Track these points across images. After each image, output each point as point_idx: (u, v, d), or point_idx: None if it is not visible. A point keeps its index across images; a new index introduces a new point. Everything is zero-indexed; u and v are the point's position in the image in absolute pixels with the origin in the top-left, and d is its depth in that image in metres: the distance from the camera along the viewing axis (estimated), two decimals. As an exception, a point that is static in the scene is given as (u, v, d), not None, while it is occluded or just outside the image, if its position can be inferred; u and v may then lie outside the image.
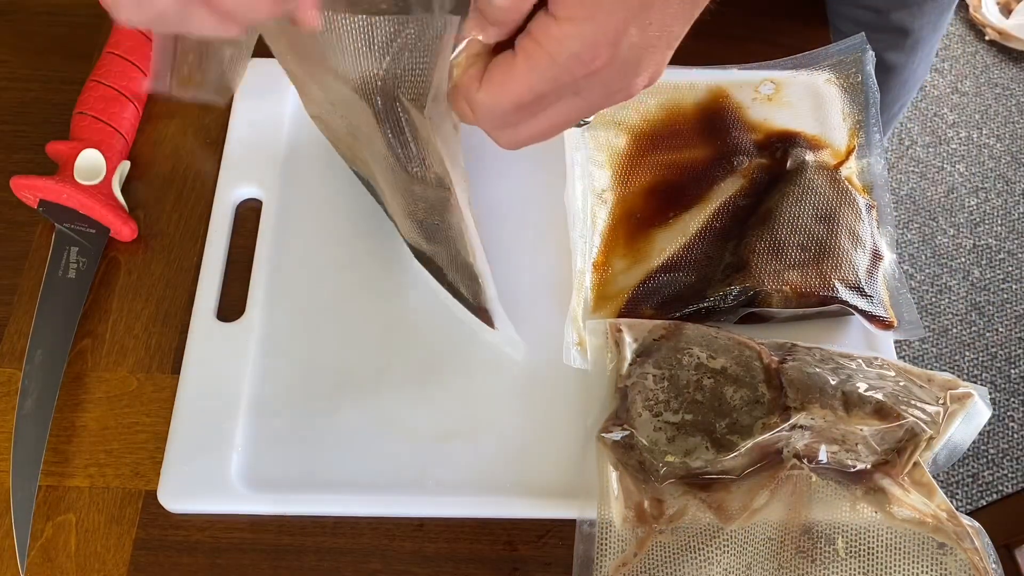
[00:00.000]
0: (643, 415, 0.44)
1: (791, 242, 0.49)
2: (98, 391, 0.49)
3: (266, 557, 0.45)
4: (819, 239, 0.50)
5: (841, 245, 0.50)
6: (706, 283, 0.50)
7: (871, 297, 0.49)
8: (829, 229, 0.50)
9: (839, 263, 0.49)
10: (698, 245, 0.51)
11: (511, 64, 0.33)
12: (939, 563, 0.41)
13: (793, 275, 0.48)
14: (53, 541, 0.45)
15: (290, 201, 0.54)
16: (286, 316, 0.50)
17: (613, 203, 0.53)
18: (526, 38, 0.32)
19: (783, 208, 0.51)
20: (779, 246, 0.49)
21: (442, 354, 0.49)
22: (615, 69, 0.33)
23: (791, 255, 0.49)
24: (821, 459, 0.43)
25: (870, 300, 0.49)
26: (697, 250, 0.51)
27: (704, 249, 0.51)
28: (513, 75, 0.33)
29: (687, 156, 0.54)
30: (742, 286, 0.48)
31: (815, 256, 0.49)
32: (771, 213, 0.51)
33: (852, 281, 0.49)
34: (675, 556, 0.42)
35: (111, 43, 0.57)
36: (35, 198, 0.52)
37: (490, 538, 0.46)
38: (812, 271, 0.49)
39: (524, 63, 0.33)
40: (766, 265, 0.49)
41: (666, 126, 0.55)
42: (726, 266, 0.50)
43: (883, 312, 0.49)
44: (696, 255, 0.51)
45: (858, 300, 0.49)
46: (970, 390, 0.45)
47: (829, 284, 0.48)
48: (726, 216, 0.52)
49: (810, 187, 0.52)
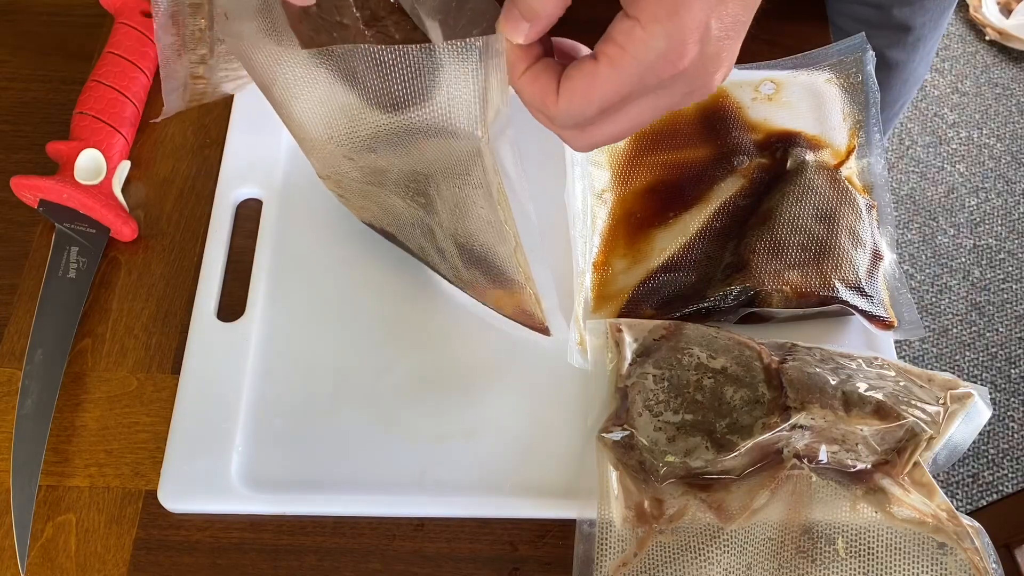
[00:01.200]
0: (643, 415, 0.44)
1: (791, 242, 0.49)
2: (98, 391, 0.49)
3: (266, 557, 0.45)
4: (819, 239, 0.50)
5: (841, 245, 0.50)
6: (706, 283, 0.50)
7: (871, 297, 0.49)
8: (829, 229, 0.50)
9: (839, 263, 0.49)
10: (698, 245, 0.51)
11: (594, 71, 0.33)
12: (939, 563, 0.41)
13: (793, 275, 0.48)
14: (53, 541, 0.45)
15: (290, 201, 0.54)
16: (286, 316, 0.50)
17: (613, 203, 0.53)
18: (608, 44, 0.33)
19: (783, 208, 0.51)
20: (779, 246, 0.49)
21: (442, 354, 0.50)
22: (699, 65, 0.33)
23: (791, 255, 0.49)
24: (821, 459, 0.43)
25: (870, 300, 0.49)
26: (697, 250, 0.51)
27: (704, 249, 0.51)
28: (597, 81, 0.33)
29: (687, 156, 0.55)
30: (742, 286, 0.48)
31: (815, 256, 0.49)
32: (771, 213, 0.51)
33: (852, 281, 0.49)
34: (675, 556, 0.42)
35: (111, 43, 0.57)
36: (35, 198, 0.53)
37: (490, 538, 0.46)
38: (812, 271, 0.49)
39: (608, 68, 0.33)
40: (766, 265, 0.49)
41: (666, 126, 0.55)
42: (726, 266, 0.50)
43: (883, 312, 0.49)
44: (696, 255, 0.51)
45: (858, 300, 0.49)
46: (970, 390, 0.45)
47: (829, 284, 0.48)
48: (726, 216, 0.52)
49: (810, 187, 0.52)
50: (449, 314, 0.51)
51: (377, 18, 0.36)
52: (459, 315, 0.51)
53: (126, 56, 0.57)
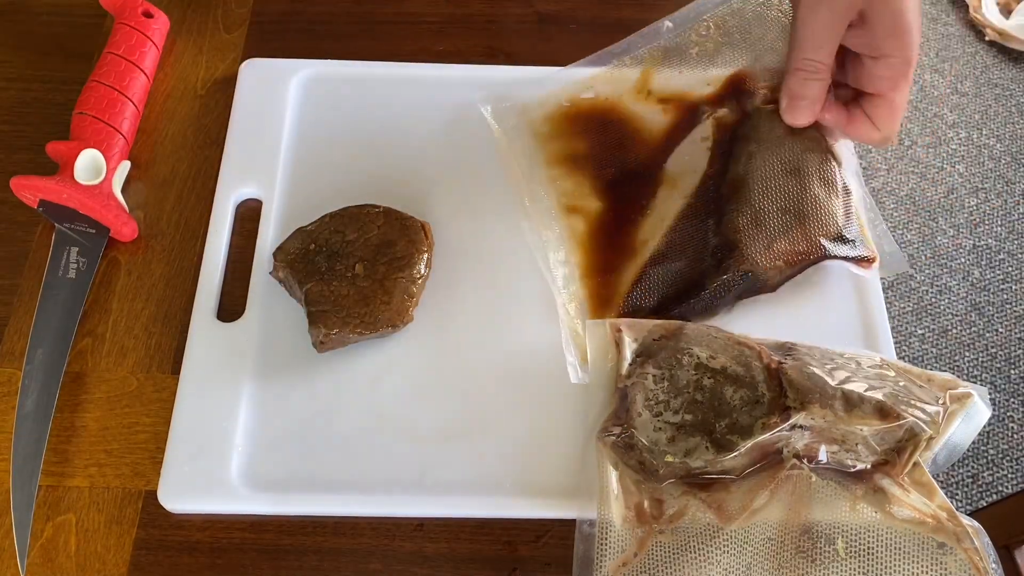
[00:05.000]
0: (643, 415, 0.44)
1: (770, 209, 0.49)
2: (98, 391, 0.49)
3: (266, 557, 0.45)
4: (795, 197, 0.50)
5: (816, 197, 0.50)
6: (698, 270, 0.49)
7: (852, 241, 0.50)
8: (801, 183, 0.50)
9: (820, 218, 0.49)
10: (681, 227, 0.51)
11: (889, 102, 0.48)
12: (939, 563, 0.41)
13: (782, 245, 0.49)
14: (53, 541, 0.45)
15: (290, 201, 0.54)
16: (286, 316, 0.50)
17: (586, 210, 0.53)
18: (882, 82, 0.48)
19: (752, 171, 0.50)
20: (760, 217, 0.49)
21: (442, 353, 0.50)
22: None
23: (774, 223, 0.49)
24: (821, 459, 0.43)
25: (852, 244, 0.50)
26: (681, 232, 0.51)
27: (688, 231, 0.51)
28: (895, 107, 0.48)
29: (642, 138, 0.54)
30: (739, 272, 0.48)
31: (797, 218, 0.49)
32: (743, 181, 0.51)
33: (835, 232, 0.49)
34: (675, 556, 0.42)
35: (111, 43, 0.57)
36: (35, 198, 0.52)
37: (490, 538, 0.46)
38: (798, 235, 0.49)
39: (896, 93, 0.48)
40: (754, 242, 0.49)
41: (603, 113, 0.55)
42: (714, 248, 0.50)
43: (865, 251, 0.50)
44: (681, 238, 0.51)
45: (843, 249, 0.49)
46: (970, 390, 0.45)
47: (817, 244, 0.49)
48: (702, 191, 0.52)
49: (770, 139, 0.51)
50: (449, 314, 0.51)
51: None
52: (459, 315, 0.51)
53: (126, 56, 0.57)
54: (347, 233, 0.50)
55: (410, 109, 0.58)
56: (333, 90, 0.59)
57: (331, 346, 0.48)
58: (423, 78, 0.59)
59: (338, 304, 0.47)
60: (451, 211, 0.54)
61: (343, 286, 0.48)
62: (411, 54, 0.61)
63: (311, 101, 0.58)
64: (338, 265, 0.49)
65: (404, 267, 0.49)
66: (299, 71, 0.59)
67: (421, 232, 0.50)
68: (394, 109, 0.58)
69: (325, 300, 0.48)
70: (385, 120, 0.57)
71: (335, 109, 0.58)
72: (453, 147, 0.57)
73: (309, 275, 0.49)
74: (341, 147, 0.56)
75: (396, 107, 0.58)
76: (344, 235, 0.50)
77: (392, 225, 0.50)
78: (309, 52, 0.60)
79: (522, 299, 0.51)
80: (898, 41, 0.46)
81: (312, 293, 0.48)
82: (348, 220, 0.50)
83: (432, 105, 0.58)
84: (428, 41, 0.63)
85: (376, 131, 0.57)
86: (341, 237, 0.50)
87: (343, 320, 0.47)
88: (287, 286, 0.50)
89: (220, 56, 0.61)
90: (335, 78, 0.59)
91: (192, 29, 0.63)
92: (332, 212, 0.51)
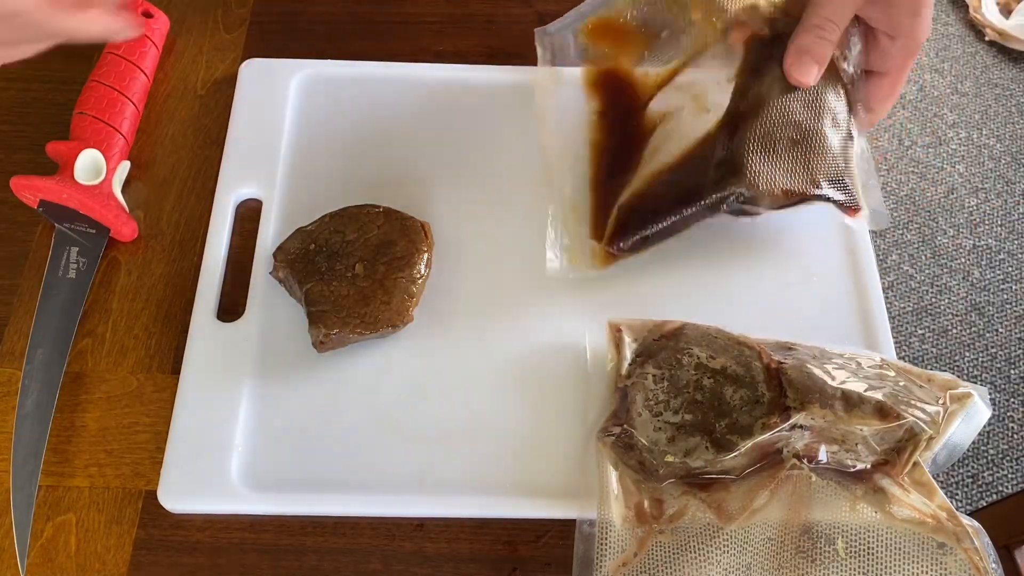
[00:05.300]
0: (643, 415, 0.44)
1: (782, 136, 0.49)
2: (98, 391, 0.49)
3: (266, 557, 0.45)
4: (806, 131, 0.50)
5: (824, 135, 0.50)
6: (699, 180, 0.50)
7: (846, 188, 0.50)
8: (815, 117, 0.50)
9: (824, 158, 0.50)
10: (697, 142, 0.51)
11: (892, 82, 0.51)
12: (939, 563, 0.41)
13: (783, 178, 0.49)
14: (53, 541, 0.45)
15: (290, 201, 0.54)
16: (286, 316, 0.50)
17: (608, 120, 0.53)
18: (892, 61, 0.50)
19: (773, 96, 0.50)
20: (771, 142, 0.49)
21: (442, 354, 0.50)
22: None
23: (782, 154, 0.49)
24: (821, 459, 0.43)
25: (845, 191, 0.50)
26: (697, 144, 0.51)
27: (702, 144, 0.51)
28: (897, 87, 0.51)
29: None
30: (736, 190, 0.48)
31: (803, 153, 0.49)
32: (763, 100, 0.50)
33: (834, 175, 0.50)
34: (675, 556, 0.42)
35: (111, 43, 0.57)
36: (35, 198, 0.53)
37: (490, 538, 0.46)
38: (800, 170, 0.49)
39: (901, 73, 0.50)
40: (759, 167, 0.49)
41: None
42: (719, 162, 0.50)
43: (855, 200, 0.50)
44: (693, 149, 0.51)
45: (837, 194, 0.50)
46: (970, 390, 0.45)
47: (815, 182, 0.49)
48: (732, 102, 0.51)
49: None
50: (449, 314, 0.51)
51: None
52: (459, 315, 0.51)
53: (126, 56, 0.57)
54: (347, 233, 0.50)
55: (410, 109, 0.58)
56: (333, 90, 0.59)
57: (331, 346, 0.48)
58: (423, 78, 0.59)
59: (338, 304, 0.48)
60: (451, 211, 0.54)
61: (343, 286, 0.48)
62: (411, 54, 0.61)
63: (311, 101, 0.58)
64: (338, 265, 0.49)
65: (404, 267, 0.49)
66: (299, 71, 0.59)
67: (421, 232, 0.51)
68: (394, 109, 0.58)
69: (325, 300, 0.48)
70: (385, 120, 0.57)
71: (335, 109, 0.58)
72: (453, 147, 0.57)
73: (309, 275, 0.49)
74: (341, 147, 0.56)
75: (396, 107, 0.58)
76: (344, 235, 0.50)
77: (392, 225, 0.50)
78: (309, 52, 0.60)
79: (522, 299, 0.51)
80: (916, 20, 0.48)
81: (312, 293, 0.48)
82: (348, 220, 0.50)
83: (432, 105, 0.58)
84: (428, 41, 0.63)
85: (376, 131, 0.57)
86: (341, 237, 0.50)
87: (343, 320, 0.47)
88: (287, 286, 0.50)
89: (220, 56, 0.61)
90: (335, 78, 0.59)
91: (192, 29, 0.63)
92: (332, 212, 0.51)
